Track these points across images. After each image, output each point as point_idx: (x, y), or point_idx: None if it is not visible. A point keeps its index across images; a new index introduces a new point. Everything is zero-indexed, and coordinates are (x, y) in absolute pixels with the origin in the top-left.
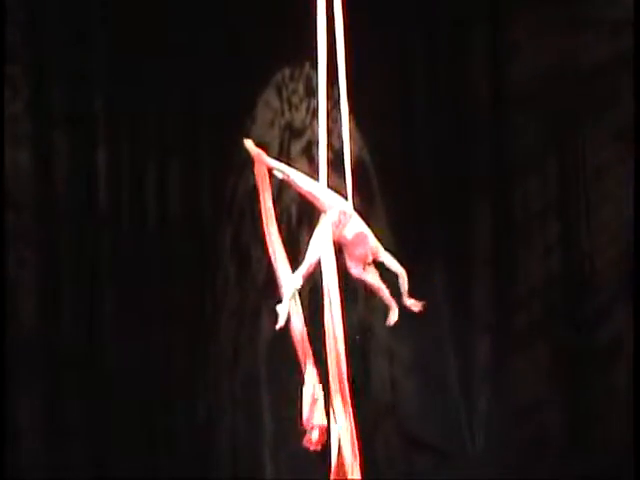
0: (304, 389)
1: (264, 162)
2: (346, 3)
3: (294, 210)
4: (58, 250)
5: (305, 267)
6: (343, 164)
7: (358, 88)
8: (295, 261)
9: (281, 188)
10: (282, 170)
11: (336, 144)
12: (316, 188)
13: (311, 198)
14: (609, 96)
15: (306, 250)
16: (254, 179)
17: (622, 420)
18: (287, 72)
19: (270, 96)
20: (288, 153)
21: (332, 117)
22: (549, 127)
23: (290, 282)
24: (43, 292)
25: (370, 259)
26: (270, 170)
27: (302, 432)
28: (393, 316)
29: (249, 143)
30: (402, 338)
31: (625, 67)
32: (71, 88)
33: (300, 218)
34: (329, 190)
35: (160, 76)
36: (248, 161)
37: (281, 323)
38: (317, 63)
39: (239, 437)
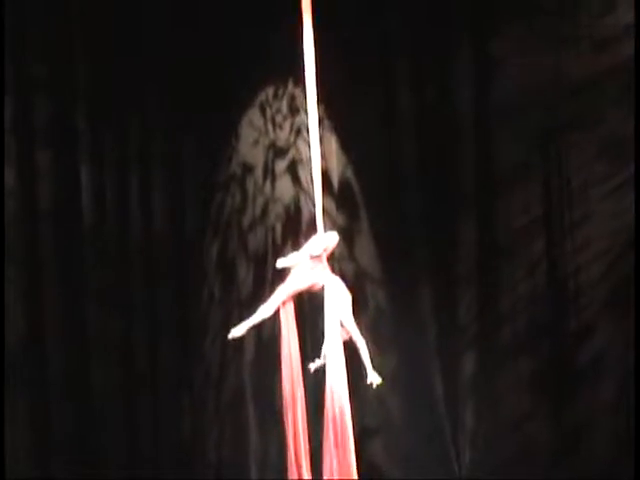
0: None
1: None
2: (329, 22)
3: (279, 227)
4: (42, 266)
5: (277, 301)
6: (330, 182)
7: (341, 105)
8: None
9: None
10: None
11: (321, 163)
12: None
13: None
14: (593, 112)
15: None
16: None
17: (608, 434)
18: (271, 91)
19: (254, 115)
20: (272, 172)
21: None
22: (533, 143)
23: (262, 311)
24: (28, 307)
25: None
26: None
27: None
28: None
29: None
30: (387, 353)
31: (608, 83)
32: (54, 107)
33: (285, 235)
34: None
35: (144, 94)
36: (234, 177)
37: (230, 336)
38: (305, 84)
39: (225, 452)
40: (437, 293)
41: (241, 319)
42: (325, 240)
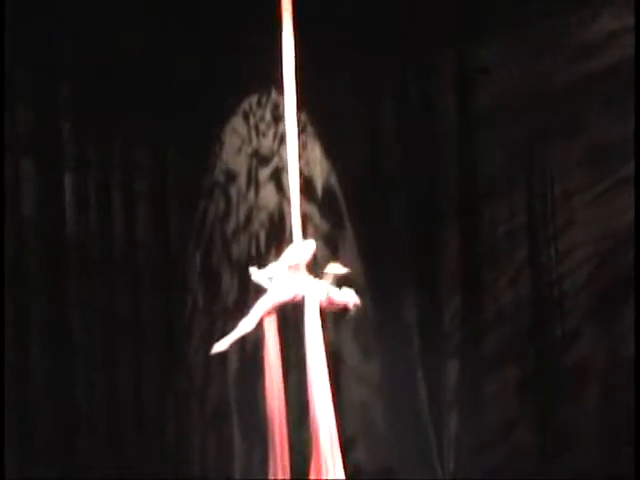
0: None
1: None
2: (311, 28)
3: (263, 235)
4: (26, 274)
5: (259, 314)
6: (314, 189)
7: (325, 113)
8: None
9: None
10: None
11: (305, 170)
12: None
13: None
14: (577, 119)
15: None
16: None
17: (594, 439)
18: (254, 99)
19: (237, 123)
20: (256, 180)
21: (300, 143)
22: (517, 150)
23: (244, 325)
24: (12, 315)
25: None
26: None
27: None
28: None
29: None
30: (371, 361)
31: (592, 90)
32: (37, 113)
33: (268, 243)
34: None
35: (128, 101)
36: (218, 185)
37: (213, 352)
38: (284, 91)
39: (209, 460)
40: (421, 300)
41: (225, 327)
42: (302, 249)
